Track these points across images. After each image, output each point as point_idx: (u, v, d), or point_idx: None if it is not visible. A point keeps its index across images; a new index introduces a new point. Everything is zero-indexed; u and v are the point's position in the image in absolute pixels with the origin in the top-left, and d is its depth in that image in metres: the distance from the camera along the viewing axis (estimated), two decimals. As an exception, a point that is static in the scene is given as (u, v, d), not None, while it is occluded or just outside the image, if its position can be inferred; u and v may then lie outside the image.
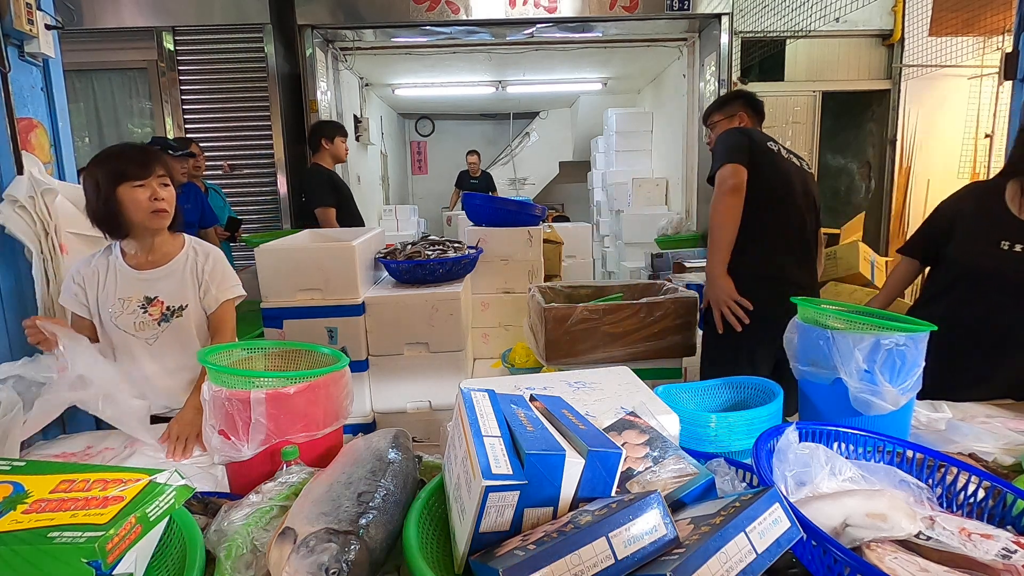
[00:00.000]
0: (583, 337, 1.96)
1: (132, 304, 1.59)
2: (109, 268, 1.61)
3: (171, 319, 1.61)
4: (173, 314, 1.61)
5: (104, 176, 1.51)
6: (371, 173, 6.52)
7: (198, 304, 1.65)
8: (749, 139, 2.02)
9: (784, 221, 2.02)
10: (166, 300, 1.61)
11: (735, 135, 2.05)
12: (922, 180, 4.87)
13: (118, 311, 1.58)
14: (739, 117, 2.24)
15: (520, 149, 9.01)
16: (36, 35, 1.85)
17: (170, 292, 1.61)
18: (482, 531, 0.66)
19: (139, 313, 1.59)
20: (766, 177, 1.98)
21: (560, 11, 4.24)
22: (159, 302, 1.60)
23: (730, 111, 2.27)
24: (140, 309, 1.59)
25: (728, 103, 2.31)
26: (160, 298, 1.61)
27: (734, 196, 1.94)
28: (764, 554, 0.59)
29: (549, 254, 3.08)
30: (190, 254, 1.66)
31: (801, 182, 2.08)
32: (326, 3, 4.21)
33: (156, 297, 1.60)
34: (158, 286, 1.61)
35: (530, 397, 0.91)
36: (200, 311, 1.65)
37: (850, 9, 3.52)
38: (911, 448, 0.90)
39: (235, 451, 0.97)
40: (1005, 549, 0.68)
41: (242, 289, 1.72)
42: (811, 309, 1.22)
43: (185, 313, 1.62)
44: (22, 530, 0.65)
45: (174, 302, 1.61)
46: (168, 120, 4.24)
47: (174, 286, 1.62)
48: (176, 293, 1.62)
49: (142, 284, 1.60)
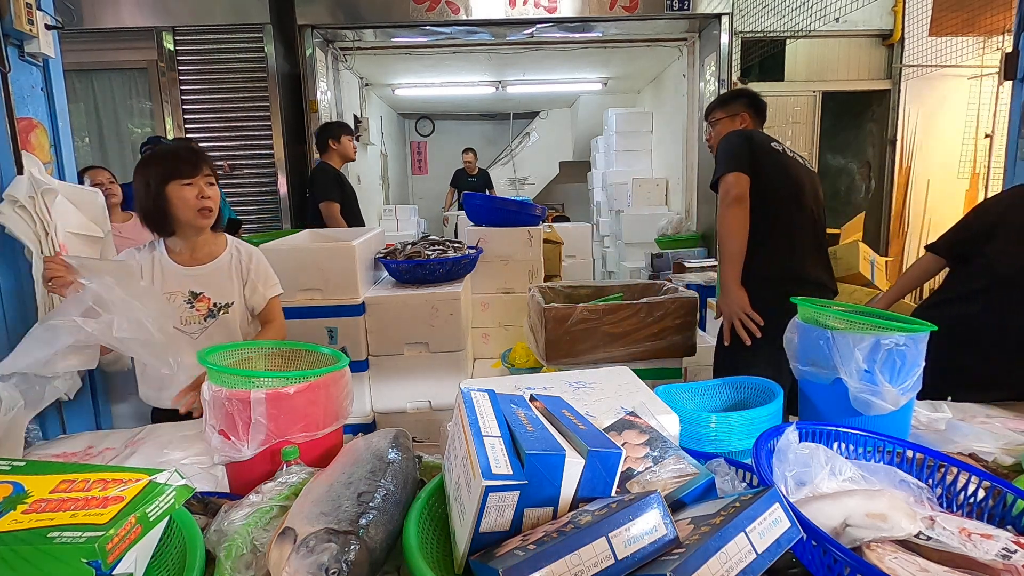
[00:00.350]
0: (583, 337, 1.96)
1: (178, 299, 1.64)
2: (154, 263, 1.66)
3: (217, 315, 1.66)
4: (220, 310, 1.67)
5: (155, 174, 1.57)
6: (371, 173, 6.52)
7: (242, 301, 1.70)
8: (750, 143, 2.01)
9: (797, 220, 2.00)
10: (212, 296, 1.67)
11: (735, 140, 2.02)
12: (922, 180, 4.88)
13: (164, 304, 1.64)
14: (741, 117, 2.21)
15: (520, 149, 9.01)
16: (36, 35, 1.85)
17: (216, 289, 1.67)
18: (482, 531, 0.66)
19: (185, 308, 1.64)
20: (772, 178, 1.97)
21: (560, 11, 4.23)
22: (205, 298, 1.66)
23: (732, 110, 2.23)
24: (187, 304, 1.65)
25: (731, 101, 2.27)
26: (206, 294, 1.66)
27: (739, 206, 1.92)
28: (764, 554, 0.59)
29: (549, 254, 3.08)
30: (233, 253, 1.73)
31: (809, 181, 2.06)
32: (326, 3, 4.21)
33: (202, 293, 1.66)
34: (204, 282, 1.67)
35: (530, 397, 0.91)
36: (243, 308, 1.71)
37: (850, 9, 3.52)
38: (911, 448, 0.90)
39: (235, 451, 0.97)
40: (1005, 549, 0.68)
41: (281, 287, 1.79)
42: (811, 309, 1.22)
43: (231, 310, 1.68)
44: (22, 530, 0.65)
45: (220, 299, 1.67)
46: (168, 120, 4.24)
47: (219, 283, 1.68)
48: (222, 290, 1.68)
49: (188, 280, 1.66)
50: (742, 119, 2.21)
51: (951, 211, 4.87)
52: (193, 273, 1.66)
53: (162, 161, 1.59)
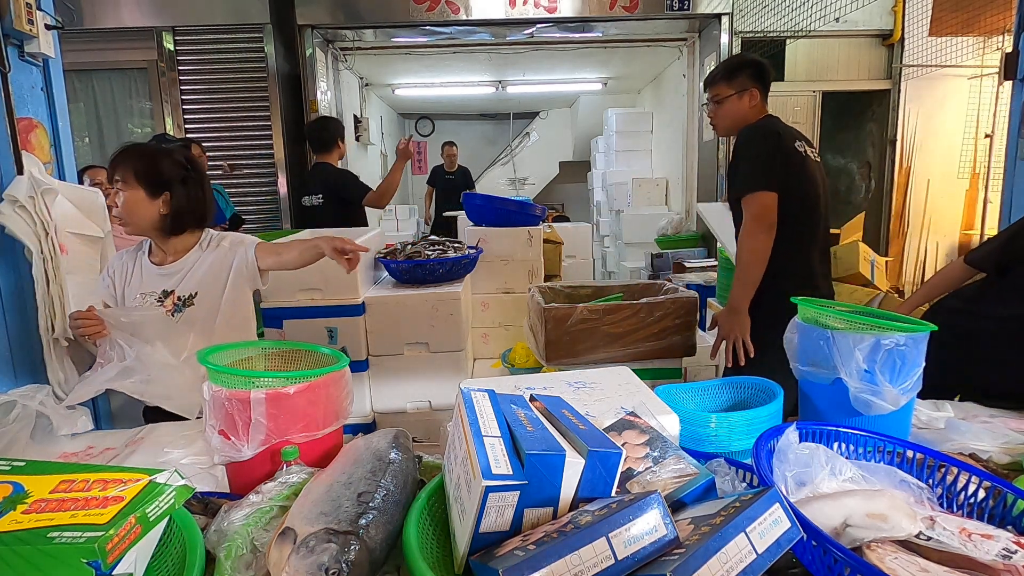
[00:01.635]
0: (583, 337, 1.96)
1: (149, 299, 1.67)
2: (136, 264, 1.71)
3: (183, 309, 1.67)
4: (184, 303, 1.67)
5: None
6: (371, 173, 6.52)
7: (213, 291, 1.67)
8: (780, 150, 1.85)
9: (815, 228, 1.93)
10: (178, 291, 1.67)
11: (766, 143, 1.86)
12: (922, 180, 4.88)
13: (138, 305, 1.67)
14: (750, 94, 1.97)
15: (520, 149, 9.01)
16: (36, 35, 1.85)
17: (184, 283, 1.68)
18: (482, 531, 0.66)
19: (156, 307, 1.66)
20: (799, 187, 1.86)
21: (560, 11, 4.24)
22: (172, 293, 1.67)
23: (740, 84, 1.97)
24: (157, 303, 1.66)
25: (737, 73, 1.99)
26: (176, 291, 1.67)
27: (770, 233, 1.81)
28: (764, 554, 0.59)
29: (549, 254, 3.08)
30: (204, 244, 1.72)
31: (823, 182, 1.98)
32: (326, 3, 4.21)
33: (173, 291, 1.67)
34: (174, 279, 1.68)
35: (530, 397, 0.91)
36: (215, 298, 1.68)
37: (850, 9, 3.52)
38: (911, 448, 0.90)
39: (235, 451, 0.97)
40: (1005, 549, 0.68)
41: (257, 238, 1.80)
42: (811, 309, 1.22)
43: (197, 301, 1.66)
44: (22, 530, 0.65)
45: (184, 291, 1.67)
46: (168, 120, 4.24)
47: (188, 277, 1.68)
48: (188, 282, 1.67)
49: (160, 279, 1.68)
50: (751, 96, 1.98)
51: (951, 211, 4.87)
52: (165, 272, 1.68)
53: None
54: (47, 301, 1.81)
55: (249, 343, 1.23)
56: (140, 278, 1.69)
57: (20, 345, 1.81)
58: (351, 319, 2.28)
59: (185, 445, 1.36)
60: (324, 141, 3.40)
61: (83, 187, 2.07)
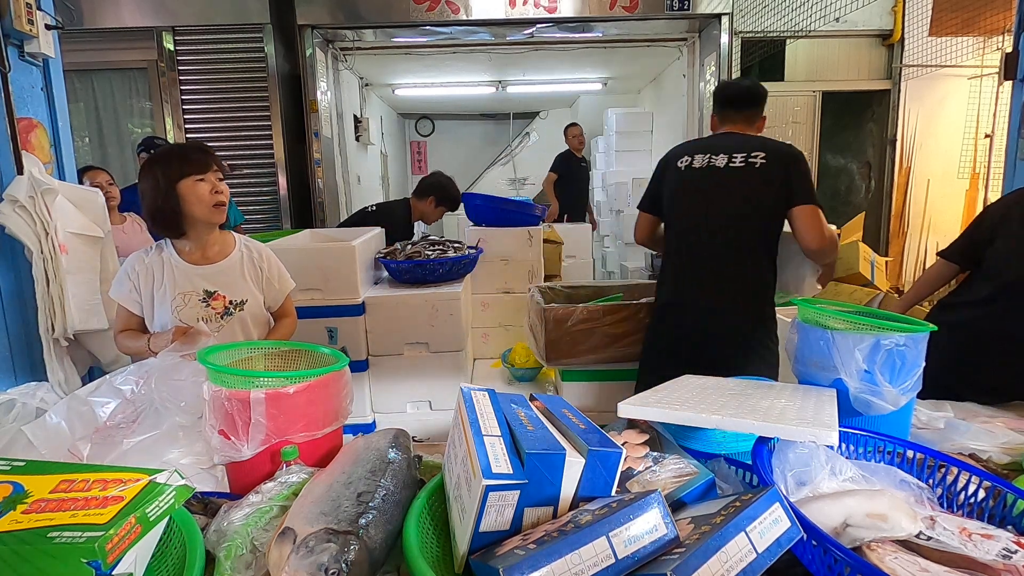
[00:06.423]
0: (583, 337, 1.96)
1: (192, 298, 1.63)
2: (165, 265, 1.64)
3: (234, 312, 1.67)
4: (236, 307, 1.67)
5: (164, 173, 1.55)
6: (371, 173, 6.52)
7: (257, 298, 1.71)
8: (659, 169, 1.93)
9: (672, 243, 1.92)
10: (227, 295, 1.66)
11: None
12: (922, 180, 4.88)
13: (180, 304, 1.62)
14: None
15: (520, 149, 9.01)
16: (36, 35, 1.85)
17: (230, 286, 1.67)
18: (482, 530, 0.66)
19: (201, 307, 1.63)
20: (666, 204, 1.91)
21: (560, 11, 4.23)
22: (220, 296, 1.66)
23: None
24: (202, 303, 1.64)
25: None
26: (220, 292, 1.66)
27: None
28: (764, 554, 0.59)
29: (549, 254, 3.08)
30: (243, 251, 1.73)
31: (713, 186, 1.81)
32: (326, 3, 4.21)
33: (216, 291, 1.65)
34: (217, 280, 1.66)
35: (530, 397, 0.91)
36: (258, 305, 1.72)
37: (850, 9, 3.52)
38: (911, 448, 0.90)
39: (235, 451, 0.97)
40: (1005, 549, 0.68)
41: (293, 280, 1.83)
42: (811, 309, 1.22)
43: (246, 307, 1.68)
44: (22, 530, 0.65)
45: (235, 296, 1.67)
46: (168, 120, 4.24)
47: (232, 281, 1.68)
48: (235, 288, 1.68)
49: (201, 279, 1.65)
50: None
51: (951, 211, 4.87)
52: (206, 272, 1.65)
53: (172, 159, 1.58)
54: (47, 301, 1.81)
55: (249, 343, 1.23)
56: (173, 278, 1.62)
57: (20, 345, 1.82)
58: (351, 319, 2.28)
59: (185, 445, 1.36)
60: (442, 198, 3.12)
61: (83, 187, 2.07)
